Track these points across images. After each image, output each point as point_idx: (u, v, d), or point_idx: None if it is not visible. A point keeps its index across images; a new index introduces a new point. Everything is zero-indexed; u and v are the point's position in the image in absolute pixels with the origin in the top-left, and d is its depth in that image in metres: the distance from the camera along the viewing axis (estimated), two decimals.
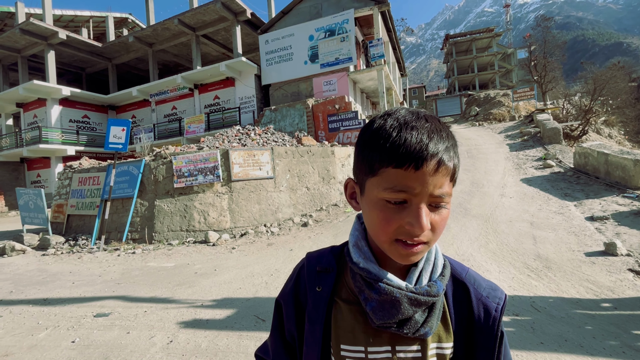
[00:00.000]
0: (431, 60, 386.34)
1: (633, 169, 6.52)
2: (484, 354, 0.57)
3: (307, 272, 0.63)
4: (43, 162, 17.41)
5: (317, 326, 0.59)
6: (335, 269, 0.62)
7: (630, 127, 20.21)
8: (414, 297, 0.52)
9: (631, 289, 3.34)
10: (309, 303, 0.61)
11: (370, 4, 13.57)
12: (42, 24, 15.65)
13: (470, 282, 0.60)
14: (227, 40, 18.40)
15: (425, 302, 0.53)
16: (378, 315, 0.53)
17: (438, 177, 0.48)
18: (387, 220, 0.49)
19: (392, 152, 0.48)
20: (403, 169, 0.47)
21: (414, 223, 0.48)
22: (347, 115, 12.01)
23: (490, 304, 0.58)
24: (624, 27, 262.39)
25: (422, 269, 0.56)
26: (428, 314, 0.55)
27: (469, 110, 22.73)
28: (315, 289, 0.61)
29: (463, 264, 0.65)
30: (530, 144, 11.98)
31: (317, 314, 0.59)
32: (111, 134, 6.94)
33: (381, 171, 0.49)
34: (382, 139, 0.49)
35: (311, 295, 0.61)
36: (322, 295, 0.60)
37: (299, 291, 0.63)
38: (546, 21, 27.79)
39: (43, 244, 7.21)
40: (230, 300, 3.69)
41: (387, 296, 0.52)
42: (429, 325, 0.54)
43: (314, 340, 0.59)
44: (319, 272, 0.62)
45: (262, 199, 7.46)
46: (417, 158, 0.46)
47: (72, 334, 3.03)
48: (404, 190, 0.47)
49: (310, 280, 0.62)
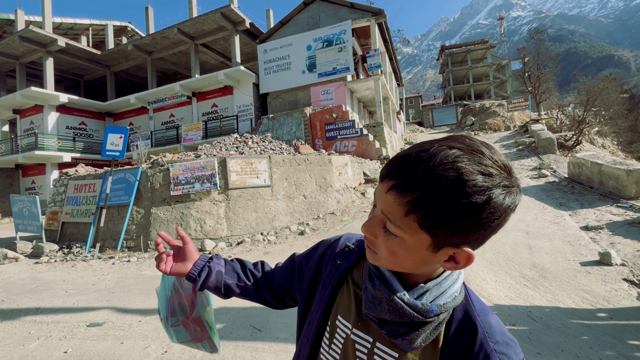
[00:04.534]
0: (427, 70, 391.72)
1: (626, 179, 6.61)
2: None
3: (338, 246, 0.73)
4: (38, 169, 17.28)
5: (327, 291, 0.67)
6: (359, 252, 0.69)
7: (622, 138, 20.53)
8: (400, 305, 0.53)
9: (626, 298, 3.36)
10: (328, 269, 0.70)
11: (367, 16, 13.82)
12: (41, 32, 15.73)
13: (483, 325, 0.54)
14: (225, 49, 18.57)
15: (408, 315, 0.52)
16: (367, 306, 0.57)
17: (387, 197, 0.49)
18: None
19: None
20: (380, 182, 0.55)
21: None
22: (344, 124, 12.10)
23: (494, 358, 0.51)
24: (614, 40, 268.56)
25: (428, 290, 0.54)
26: (412, 329, 0.53)
27: (465, 120, 23.00)
28: (336, 261, 0.70)
29: (489, 308, 0.59)
30: (525, 153, 12.12)
31: (331, 281, 0.68)
32: (108, 141, 6.93)
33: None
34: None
35: (332, 265, 0.70)
36: (339, 269, 0.68)
37: (326, 257, 0.74)
38: (539, 33, 28.42)
39: (36, 251, 7.11)
40: (226, 309, 3.65)
41: (378, 293, 0.56)
42: (409, 339, 0.53)
43: (321, 301, 0.67)
44: (345, 250, 0.71)
45: (259, 207, 7.44)
46: (382, 176, 0.52)
47: (64, 344, 2.98)
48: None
49: (337, 253, 0.71)
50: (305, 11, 14.87)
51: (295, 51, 14.55)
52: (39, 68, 18.25)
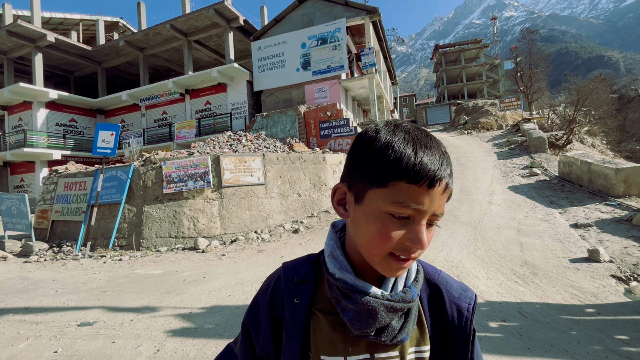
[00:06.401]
0: (421, 69, 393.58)
1: (614, 177, 6.73)
2: (458, 353, 0.60)
3: (284, 283, 0.61)
4: (27, 167, 16.95)
5: (295, 339, 0.57)
6: (312, 279, 0.60)
7: (612, 137, 20.89)
8: (390, 304, 0.53)
9: (613, 294, 3.43)
10: (287, 315, 0.59)
11: (362, 14, 13.81)
12: (30, 26, 15.39)
13: (443, 284, 0.62)
14: (219, 46, 18.41)
15: (401, 309, 0.54)
16: (356, 325, 0.53)
17: (443, 197, 0.50)
18: (387, 234, 0.49)
19: (408, 168, 0.47)
20: (417, 186, 0.47)
21: (415, 240, 0.48)
22: (338, 122, 12.10)
23: (462, 304, 0.60)
24: (604, 41, 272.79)
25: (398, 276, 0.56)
26: (404, 320, 0.56)
27: (458, 119, 23.17)
28: (293, 301, 0.59)
29: (435, 266, 0.66)
30: (517, 152, 12.26)
31: (295, 326, 0.57)
32: (99, 138, 6.83)
33: (392, 184, 0.48)
34: (397, 153, 0.48)
35: (289, 308, 0.59)
36: (300, 307, 0.58)
37: (275, 303, 0.61)
38: (531, 34, 28.70)
39: (25, 250, 6.99)
40: (219, 308, 3.64)
41: (364, 306, 0.52)
42: (406, 331, 0.55)
43: (293, 353, 0.57)
44: (296, 284, 0.60)
45: (252, 205, 7.42)
46: (433, 178, 0.47)
47: (54, 344, 2.94)
48: (413, 206, 0.48)
49: (288, 292, 0.60)
50: (300, 9, 14.80)
51: (290, 49, 14.49)
52: (28, 64, 17.87)
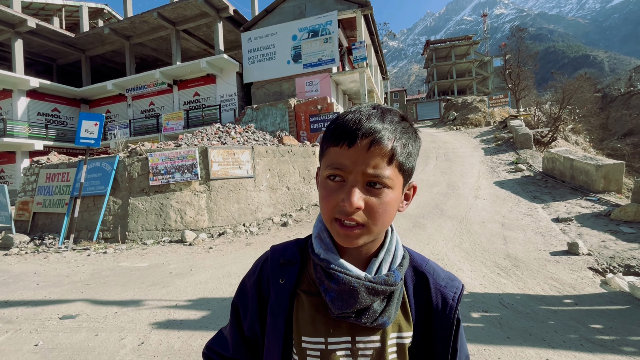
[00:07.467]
0: (412, 64, 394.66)
1: (595, 173, 6.94)
2: (441, 341, 0.59)
3: (270, 264, 0.63)
4: (7, 157, 16.38)
5: (279, 319, 0.58)
6: (299, 261, 0.61)
7: (595, 135, 21.45)
8: (372, 286, 0.54)
9: (590, 286, 3.56)
10: (272, 296, 0.60)
11: (353, 7, 13.71)
12: (9, 11, 14.74)
13: (430, 272, 0.62)
14: (208, 37, 18.02)
15: (383, 291, 0.54)
16: (337, 305, 0.53)
17: (371, 156, 0.49)
18: (327, 198, 0.52)
19: (333, 132, 0.53)
20: (339, 147, 0.51)
21: (345, 198, 0.49)
22: (329, 116, 12.06)
23: (448, 293, 0.60)
24: (590, 40, 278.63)
25: (382, 260, 0.57)
26: (387, 304, 0.56)
27: (447, 115, 23.39)
28: (278, 282, 0.60)
29: (423, 255, 0.67)
30: (504, 148, 12.48)
31: (280, 306, 0.59)
32: (83, 128, 6.64)
33: (327, 151, 0.54)
34: (332, 123, 0.55)
35: (274, 288, 0.60)
36: (284, 288, 0.59)
37: (262, 285, 0.63)
38: (520, 32, 29.03)
39: (5, 243, 6.80)
40: (205, 300, 3.62)
41: (345, 286, 0.53)
42: (387, 314, 0.55)
43: (276, 333, 0.58)
44: (282, 265, 0.62)
45: (241, 198, 7.37)
46: (350, 135, 0.50)
47: (35, 337, 2.88)
48: (339, 167, 0.51)
49: (274, 273, 0.61)
50: (291, 0, 14.59)
51: (281, 41, 14.30)
52: (7, 50, 17.16)
